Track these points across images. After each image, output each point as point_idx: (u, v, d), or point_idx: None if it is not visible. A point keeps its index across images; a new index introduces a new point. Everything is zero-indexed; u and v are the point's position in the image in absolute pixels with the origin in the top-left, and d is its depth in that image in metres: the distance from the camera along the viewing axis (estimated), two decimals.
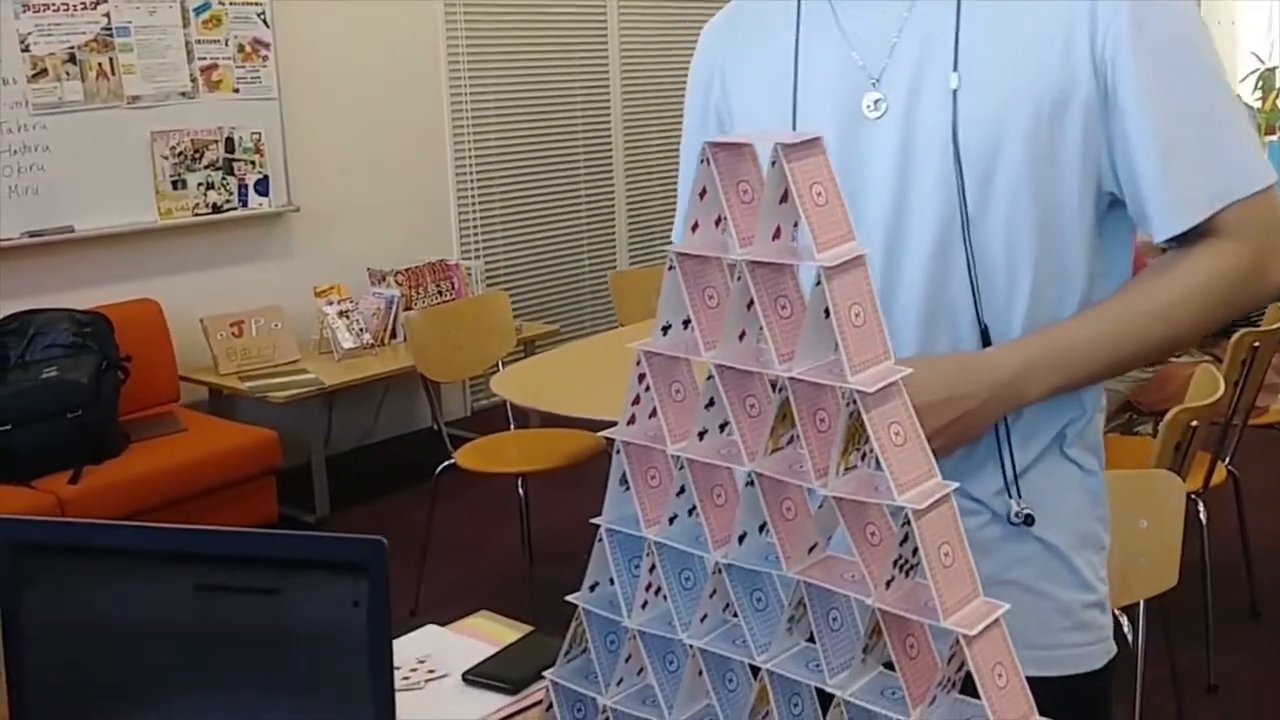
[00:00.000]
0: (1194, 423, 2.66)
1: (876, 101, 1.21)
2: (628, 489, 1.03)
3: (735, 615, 0.99)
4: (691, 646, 1.00)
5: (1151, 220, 1.19)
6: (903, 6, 1.21)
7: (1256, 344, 3.00)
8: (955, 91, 1.17)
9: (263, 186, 4.78)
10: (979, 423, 1.17)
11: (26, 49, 4.12)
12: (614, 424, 1.04)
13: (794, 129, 1.25)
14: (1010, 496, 1.25)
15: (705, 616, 1.00)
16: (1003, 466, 1.24)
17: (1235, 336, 2.97)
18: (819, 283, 0.89)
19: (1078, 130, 1.17)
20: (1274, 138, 7.55)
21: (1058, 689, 1.22)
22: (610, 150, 6.18)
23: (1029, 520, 1.24)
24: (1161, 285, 1.21)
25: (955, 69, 1.18)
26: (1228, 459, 3.26)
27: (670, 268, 0.98)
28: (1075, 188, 1.19)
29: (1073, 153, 1.18)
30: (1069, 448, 1.28)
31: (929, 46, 1.20)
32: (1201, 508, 3.06)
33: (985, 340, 1.21)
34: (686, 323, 0.99)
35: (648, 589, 1.03)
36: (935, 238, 1.20)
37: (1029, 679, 0.90)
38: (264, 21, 4.70)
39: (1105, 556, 1.34)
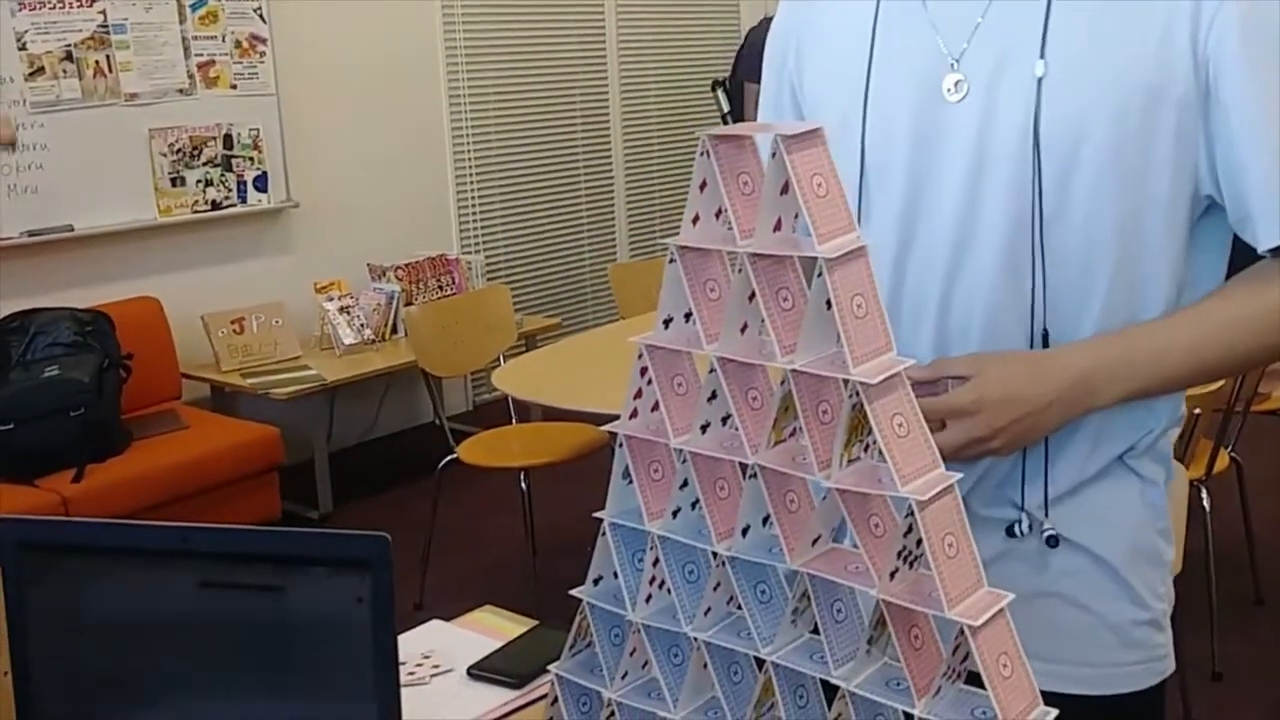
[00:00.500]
0: (1197, 410, 2.66)
1: (958, 83, 1.15)
2: (630, 483, 1.03)
3: (739, 608, 0.99)
4: (696, 640, 1.00)
5: (1257, 225, 1.12)
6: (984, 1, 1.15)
7: None
8: (1040, 80, 1.11)
9: (261, 183, 4.78)
10: (1043, 424, 1.12)
11: (23, 47, 4.12)
12: (616, 417, 1.04)
13: (864, 108, 1.20)
14: (1045, 515, 1.20)
15: (709, 609, 1.00)
16: (1045, 482, 1.19)
17: None
18: (820, 274, 0.89)
19: (1171, 127, 1.11)
20: None
21: (1101, 708, 1.20)
22: (609, 143, 6.18)
23: (1052, 542, 1.19)
24: (1256, 293, 1.14)
25: (1042, 56, 1.12)
26: (1230, 446, 3.26)
27: (671, 260, 0.98)
28: (1165, 189, 1.12)
29: (1164, 152, 1.11)
30: (1133, 458, 1.22)
31: (1016, 29, 1.13)
32: (1205, 495, 3.06)
33: (1045, 346, 1.16)
34: (688, 316, 0.99)
35: (651, 582, 1.04)
36: (1007, 231, 1.14)
37: (1070, 696, 0.89)
38: (260, 17, 4.70)
39: (1167, 572, 1.27)
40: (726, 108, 5.27)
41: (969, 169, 1.15)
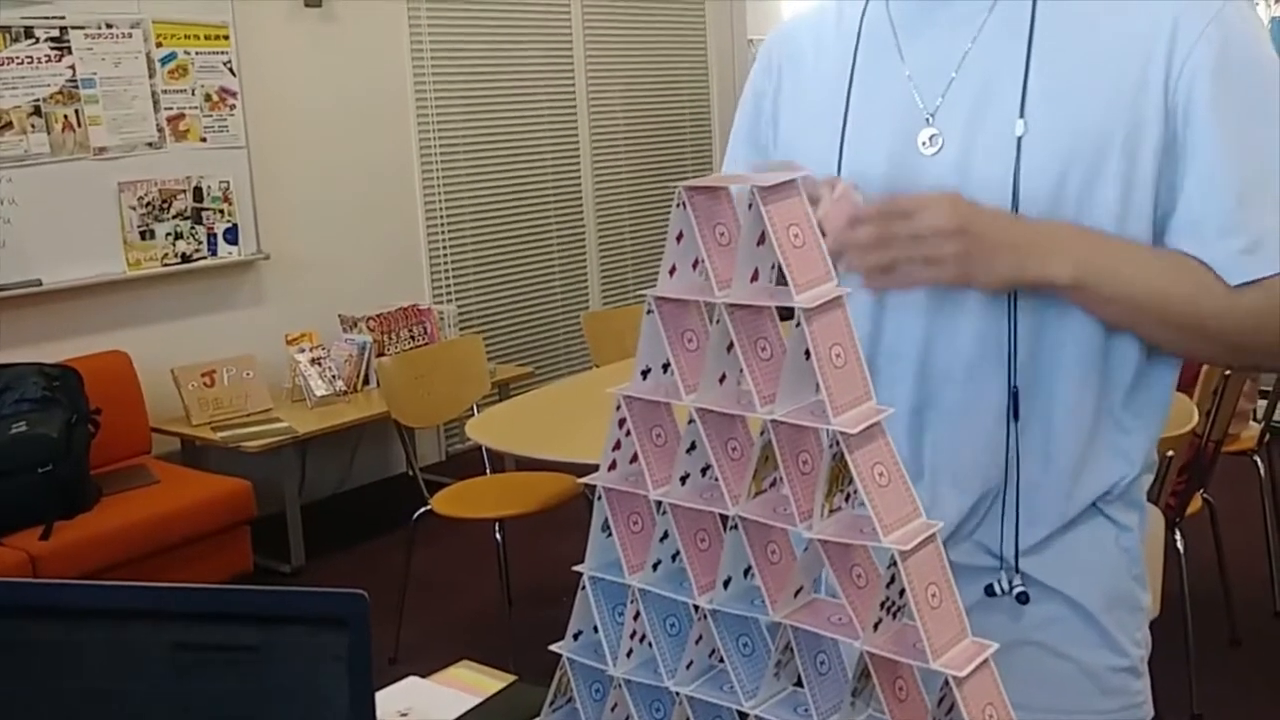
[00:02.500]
0: (1169, 453, 2.67)
1: (932, 137, 1.15)
2: (610, 535, 1.03)
3: (722, 661, 0.98)
4: (678, 694, 0.99)
5: (1216, 257, 1.10)
6: (966, 39, 1.16)
7: (1227, 373, 3.02)
8: (1020, 139, 1.11)
9: (232, 235, 4.76)
10: (983, 267, 1.07)
11: None
12: (591, 467, 1.03)
13: (840, 156, 1.21)
14: (1016, 569, 1.18)
15: (691, 663, 0.99)
16: (1015, 536, 1.18)
17: (1206, 367, 2.99)
18: (799, 324, 0.89)
19: (1150, 172, 1.10)
20: None
21: None
22: (580, 191, 6.20)
23: (1023, 598, 1.18)
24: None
25: (1022, 115, 1.11)
26: (1203, 487, 3.28)
27: (649, 312, 0.98)
28: (1145, 232, 1.12)
29: (1142, 195, 1.11)
30: (1107, 504, 1.21)
31: (991, 86, 1.14)
32: (1179, 537, 3.07)
33: (1014, 404, 1.15)
34: (666, 367, 0.99)
35: (632, 636, 1.02)
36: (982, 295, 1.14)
37: None
38: (230, 70, 4.70)
39: (1144, 618, 1.27)
40: None
41: None
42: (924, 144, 1.16)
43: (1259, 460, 3.70)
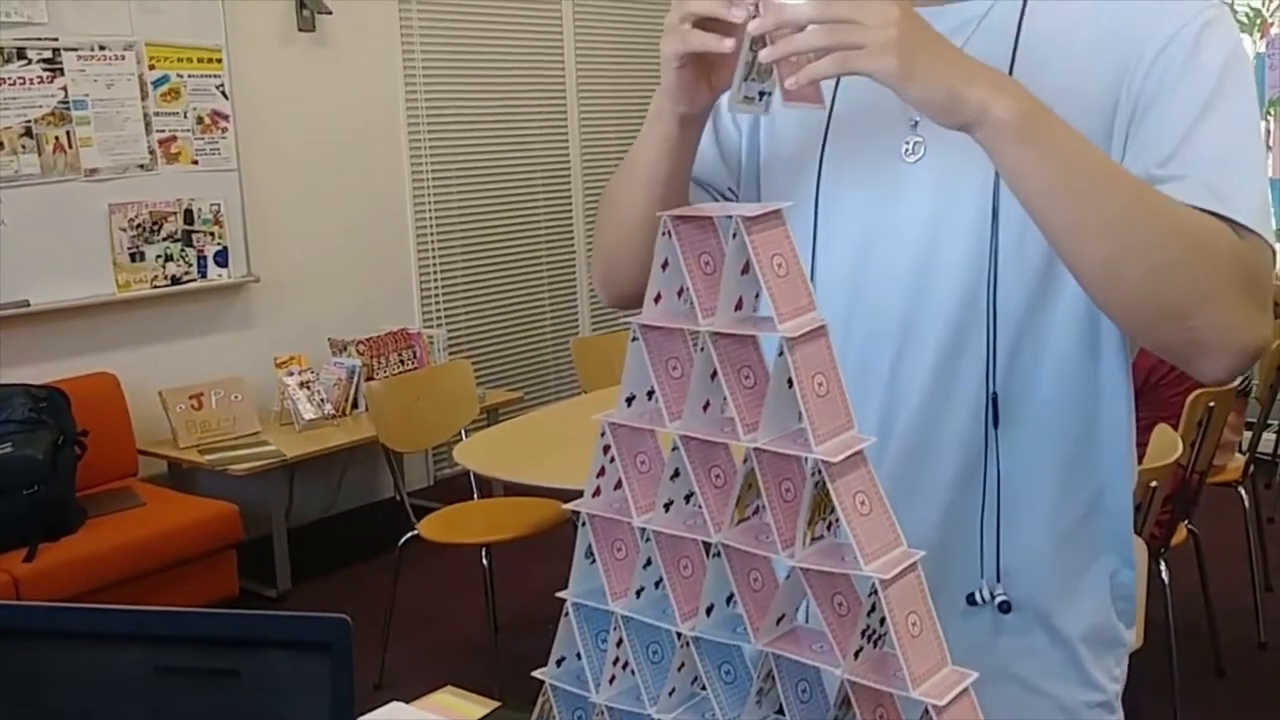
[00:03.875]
0: (1154, 483, 2.68)
1: (915, 145, 1.15)
2: (593, 562, 1.03)
3: (704, 689, 0.98)
4: None
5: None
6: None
7: (1212, 404, 3.04)
8: None
9: (222, 257, 4.77)
10: (925, 65, 0.98)
11: None
12: (579, 492, 1.03)
13: (821, 160, 1.20)
14: (998, 578, 1.17)
15: (674, 690, 0.99)
16: (996, 544, 1.17)
17: (1191, 397, 3.01)
18: (781, 353, 0.90)
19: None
20: None
21: None
22: (571, 216, 6.22)
23: (1004, 607, 1.17)
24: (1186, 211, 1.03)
25: None
26: (1188, 518, 3.29)
27: (634, 339, 0.98)
28: None
29: None
30: (1094, 534, 1.21)
31: None
32: (1164, 568, 3.08)
33: (994, 408, 1.15)
34: (651, 393, 0.99)
35: (615, 663, 1.03)
36: (961, 290, 1.14)
37: None
38: (223, 93, 4.72)
39: (1124, 653, 1.26)
40: None
41: (924, 228, 1.15)
42: (906, 151, 1.16)
43: (1243, 491, 3.72)
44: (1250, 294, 1.03)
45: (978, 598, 1.19)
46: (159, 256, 4.59)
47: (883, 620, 0.87)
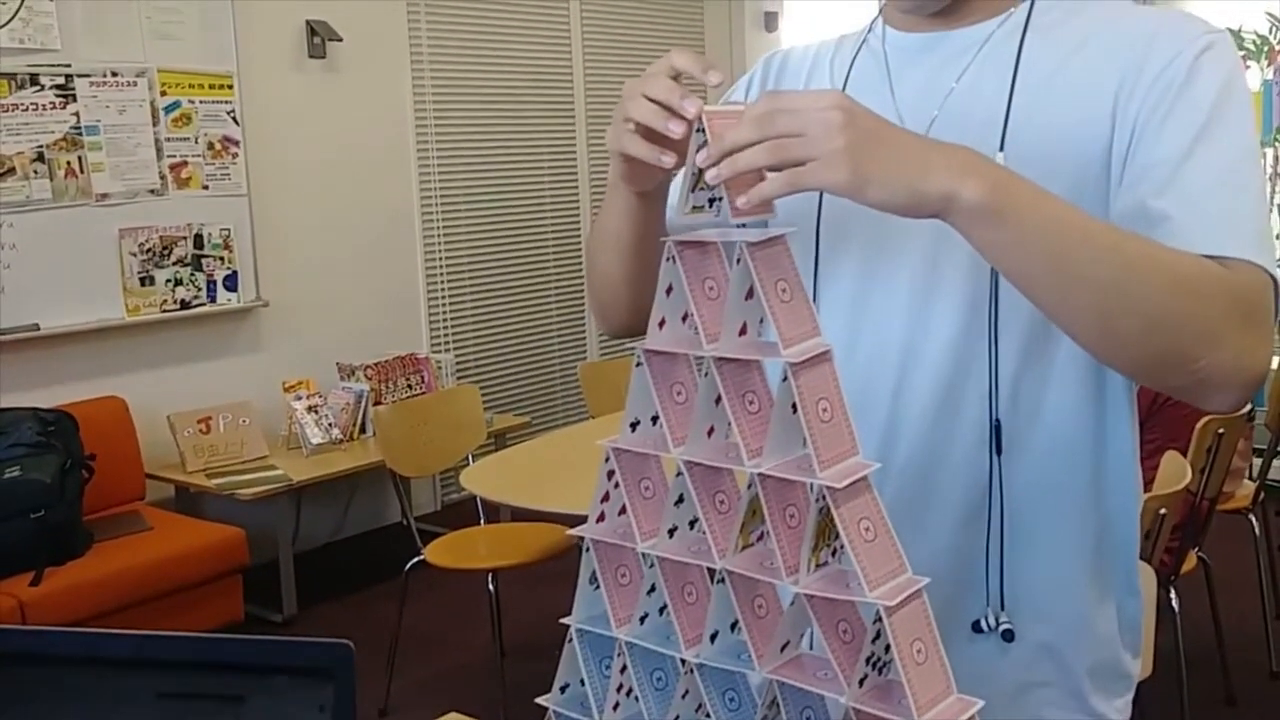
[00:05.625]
0: (1163, 510, 2.67)
1: None
2: (597, 587, 1.03)
3: (708, 716, 0.98)
4: None
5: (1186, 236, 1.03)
6: (951, 78, 1.16)
7: (1221, 430, 3.03)
8: None
9: (231, 282, 4.78)
10: (880, 166, 0.93)
11: None
12: (585, 519, 1.03)
13: (821, 195, 1.19)
14: (1002, 607, 1.17)
15: (677, 718, 0.99)
16: (1001, 573, 1.17)
17: (1200, 424, 3.00)
18: (786, 379, 0.90)
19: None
20: None
21: None
22: (579, 242, 6.23)
23: (1008, 636, 1.17)
24: (1173, 252, 1.02)
25: (1002, 149, 1.11)
26: (1197, 545, 3.27)
27: (638, 364, 0.98)
28: None
29: (1119, 225, 1.06)
30: (1101, 565, 1.21)
31: (970, 122, 1.12)
32: (1174, 595, 3.06)
33: (997, 436, 1.15)
34: (655, 419, 0.99)
35: (619, 690, 1.02)
36: (962, 314, 1.14)
37: None
38: (234, 119, 4.74)
39: (1130, 685, 1.25)
40: None
41: (924, 254, 1.15)
42: None
43: (1253, 518, 3.70)
44: (1250, 324, 1.02)
45: (983, 625, 1.18)
46: (168, 281, 4.61)
47: (887, 647, 0.87)
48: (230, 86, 4.72)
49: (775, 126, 0.93)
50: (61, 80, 4.28)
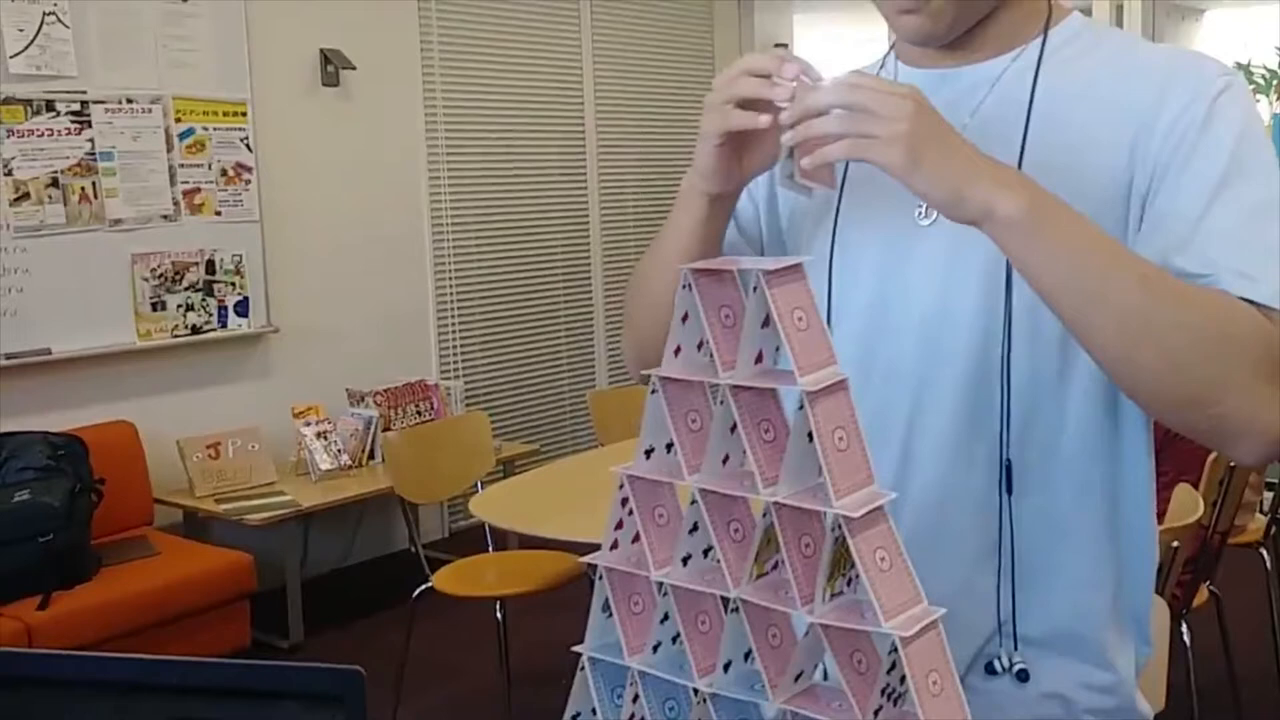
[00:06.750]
0: (1175, 543, 2.65)
1: (928, 209, 1.15)
2: (610, 616, 1.02)
3: None
4: None
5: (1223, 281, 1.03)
6: (965, 113, 1.16)
7: (1233, 464, 3.01)
8: None
9: (242, 308, 4.79)
10: (933, 160, 0.99)
11: (9, 173, 4.16)
12: (594, 546, 1.03)
13: (835, 221, 1.21)
14: (1015, 647, 1.16)
15: None
16: (1013, 613, 1.16)
17: (1212, 457, 2.99)
18: (802, 407, 0.90)
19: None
20: None
21: None
22: (589, 270, 6.24)
23: (1022, 676, 1.16)
24: (1211, 293, 1.03)
25: None
26: (1209, 579, 3.25)
27: (653, 391, 0.98)
28: None
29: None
30: (1115, 610, 1.20)
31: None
32: (1185, 629, 3.04)
33: (1008, 477, 1.14)
34: (670, 446, 0.99)
35: (631, 719, 1.01)
36: (974, 353, 1.14)
37: None
38: (247, 146, 4.77)
39: None
40: None
41: (937, 292, 1.15)
42: (920, 214, 1.16)
43: (1265, 553, 3.67)
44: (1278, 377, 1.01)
45: (996, 666, 1.18)
46: (180, 306, 4.62)
47: (903, 678, 0.86)
48: (244, 114, 4.75)
49: (852, 98, 1.00)
50: (77, 106, 4.30)
